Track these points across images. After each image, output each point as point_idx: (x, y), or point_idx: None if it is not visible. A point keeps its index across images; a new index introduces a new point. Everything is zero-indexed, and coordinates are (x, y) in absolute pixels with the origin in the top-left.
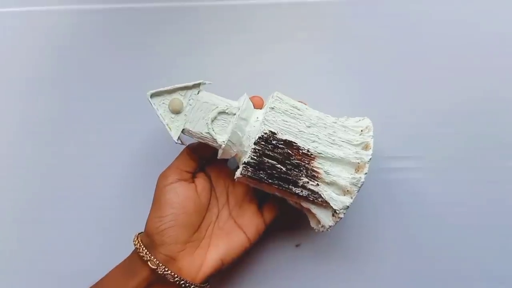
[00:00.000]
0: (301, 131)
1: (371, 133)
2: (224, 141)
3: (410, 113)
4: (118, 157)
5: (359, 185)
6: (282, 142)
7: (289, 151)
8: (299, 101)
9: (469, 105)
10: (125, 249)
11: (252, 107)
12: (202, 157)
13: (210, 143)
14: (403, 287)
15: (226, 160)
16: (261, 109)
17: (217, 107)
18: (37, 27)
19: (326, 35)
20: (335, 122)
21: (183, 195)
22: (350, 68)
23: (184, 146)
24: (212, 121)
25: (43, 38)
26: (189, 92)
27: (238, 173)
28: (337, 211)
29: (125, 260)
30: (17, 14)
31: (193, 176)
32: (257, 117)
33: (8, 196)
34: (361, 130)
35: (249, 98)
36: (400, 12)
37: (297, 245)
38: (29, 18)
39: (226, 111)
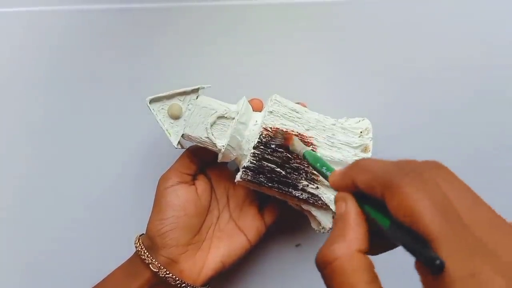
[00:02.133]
0: (300, 135)
1: (370, 135)
2: (223, 146)
3: (410, 113)
4: (118, 159)
5: None
6: (281, 146)
7: (288, 154)
8: (298, 103)
9: (469, 105)
10: (127, 251)
11: (251, 110)
12: (203, 160)
13: (209, 147)
14: (402, 287)
15: (226, 162)
16: (260, 111)
17: (216, 111)
18: (37, 27)
19: (326, 35)
20: (334, 124)
21: (183, 197)
22: (350, 68)
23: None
24: (211, 125)
25: (43, 38)
26: (188, 97)
27: (238, 177)
28: None
29: (126, 262)
30: (17, 14)
31: (194, 178)
32: (256, 121)
33: (7, 196)
34: (361, 132)
35: (248, 101)
36: (400, 13)
37: (297, 245)
38: (29, 18)
39: (225, 116)
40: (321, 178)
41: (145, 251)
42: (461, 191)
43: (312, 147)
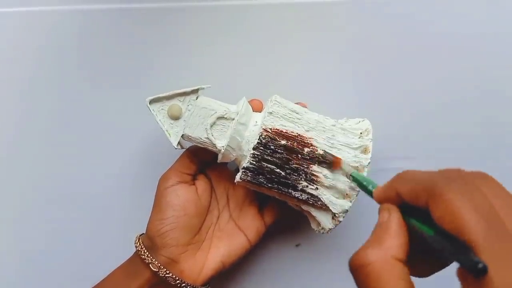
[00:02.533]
0: (299, 136)
1: (370, 136)
2: (223, 146)
3: (410, 113)
4: (119, 158)
5: (358, 189)
6: (281, 147)
7: (287, 155)
8: (299, 103)
9: (469, 105)
10: (127, 251)
11: (251, 111)
12: (203, 160)
13: (209, 148)
14: None
15: (226, 162)
16: (260, 112)
17: (216, 112)
18: (37, 27)
19: (326, 35)
20: (334, 125)
21: (183, 197)
22: (350, 68)
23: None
24: (211, 126)
25: (43, 38)
26: (188, 97)
27: (237, 178)
28: (336, 215)
29: (126, 262)
30: (17, 14)
31: (194, 178)
32: (256, 121)
33: (8, 196)
34: (360, 133)
35: (248, 102)
36: (400, 13)
37: (297, 245)
38: (29, 18)
39: (225, 116)
40: (321, 179)
41: (145, 251)
42: (508, 201)
43: (312, 148)
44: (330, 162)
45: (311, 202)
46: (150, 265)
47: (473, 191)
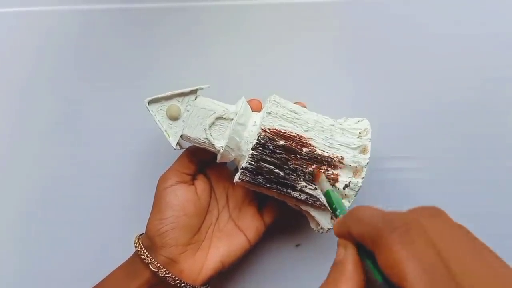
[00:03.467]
0: (298, 136)
1: (369, 136)
2: (222, 146)
3: (409, 113)
4: (118, 159)
5: (356, 190)
6: (279, 147)
7: (286, 156)
8: (298, 103)
9: (468, 105)
10: (127, 251)
11: (250, 111)
12: (202, 160)
13: (208, 148)
14: None
15: (225, 162)
16: (259, 112)
17: (215, 112)
18: (37, 27)
19: (326, 35)
20: (333, 125)
21: (183, 197)
22: (350, 68)
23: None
24: (210, 126)
25: (43, 38)
26: (187, 98)
27: (236, 178)
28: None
29: (126, 262)
30: (17, 14)
31: (193, 178)
32: (255, 122)
33: (8, 196)
34: (359, 133)
35: (247, 101)
36: (400, 13)
37: (297, 245)
38: (29, 18)
39: (224, 117)
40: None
41: (145, 251)
42: (456, 241)
43: (311, 148)
44: (312, 175)
45: (310, 202)
46: (150, 265)
47: (417, 239)
